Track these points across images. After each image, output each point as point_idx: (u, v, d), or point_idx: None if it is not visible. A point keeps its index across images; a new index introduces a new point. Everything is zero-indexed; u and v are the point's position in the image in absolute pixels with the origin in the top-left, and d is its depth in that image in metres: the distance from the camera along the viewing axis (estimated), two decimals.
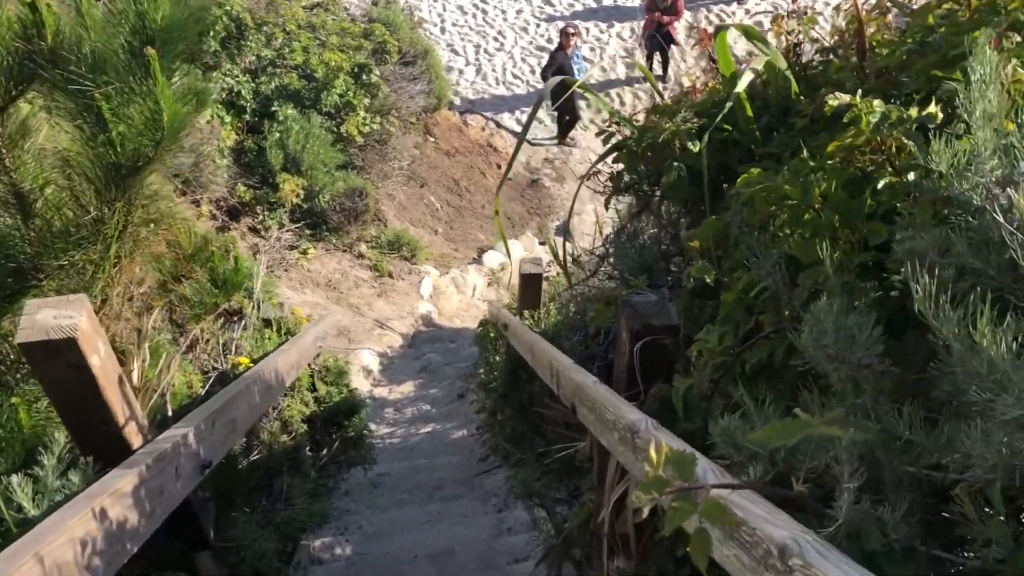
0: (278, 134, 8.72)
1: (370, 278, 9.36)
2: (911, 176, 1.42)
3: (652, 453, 1.02)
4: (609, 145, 2.41)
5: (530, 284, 5.27)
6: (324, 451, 5.31)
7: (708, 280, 1.70)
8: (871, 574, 0.96)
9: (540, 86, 15.99)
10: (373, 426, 6.36)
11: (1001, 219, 1.07)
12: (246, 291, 5.12)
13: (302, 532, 4.02)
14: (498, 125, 15.28)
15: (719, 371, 1.71)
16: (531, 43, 17.53)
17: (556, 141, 14.93)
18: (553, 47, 14.82)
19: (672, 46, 15.23)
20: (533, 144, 15.05)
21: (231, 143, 8.63)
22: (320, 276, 8.80)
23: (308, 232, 9.00)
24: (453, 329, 9.61)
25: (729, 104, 2.02)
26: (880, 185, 1.47)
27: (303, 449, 4.55)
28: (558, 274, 6.91)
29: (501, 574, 3.84)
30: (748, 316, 1.81)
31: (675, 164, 2.13)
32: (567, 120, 14.54)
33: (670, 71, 16.13)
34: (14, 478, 1.94)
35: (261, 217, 8.54)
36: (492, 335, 6.38)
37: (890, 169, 1.45)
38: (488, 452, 5.86)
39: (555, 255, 8.09)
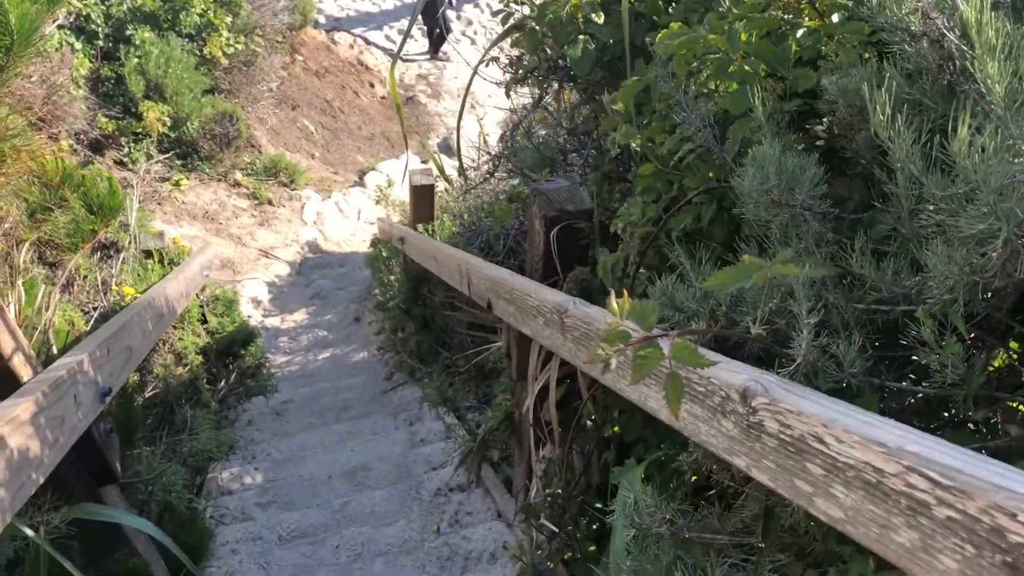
0: (136, 59, 8.13)
1: (249, 207, 8.99)
2: (835, 18, 1.40)
3: (614, 305, 0.97)
4: (508, 26, 2.31)
5: (422, 195, 5.15)
6: (222, 382, 5.13)
7: (634, 144, 1.66)
8: (843, 403, 0.95)
9: (408, 0, 15.50)
10: (269, 356, 6.18)
11: (952, 38, 1.05)
12: (121, 224, 4.82)
13: (209, 462, 3.89)
14: (367, 42, 14.78)
15: (644, 243, 1.68)
16: None
17: (428, 56, 14.58)
18: None
19: None
20: (405, 60, 14.64)
21: (85, 72, 7.99)
22: (196, 208, 8.39)
23: (179, 162, 8.52)
24: (341, 254, 9.38)
25: None
26: (802, 32, 1.44)
27: (200, 380, 4.38)
28: (445, 190, 6.81)
29: (419, 482, 3.83)
30: (669, 185, 1.78)
31: (580, 36, 2.06)
32: (438, 34, 14.19)
33: None
34: None
35: (127, 150, 8.01)
36: (385, 255, 6.26)
37: (814, 13, 1.43)
38: (392, 370, 5.80)
39: (440, 170, 7.97)
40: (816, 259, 1.17)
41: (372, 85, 13.56)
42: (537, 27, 2.22)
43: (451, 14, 14.41)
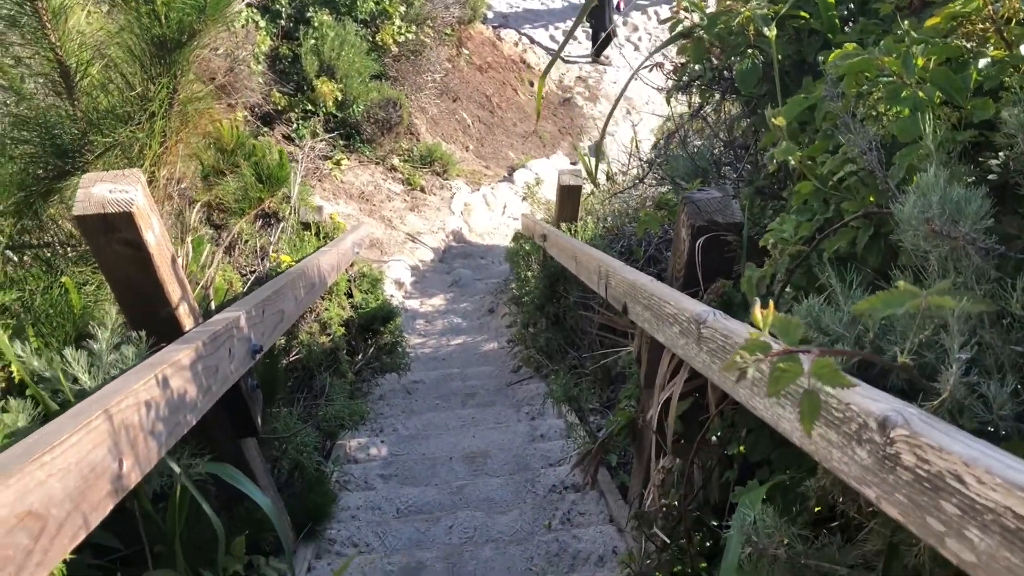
0: (313, 40, 8.56)
1: (402, 191, 9.30)
2: (1022, 49, 1.33)
3: (758, 315, 0.97)
4: (675, 33, 2.31)
5: (569, 195, 5.19)
6: (360, 355, 5.34)
7: (793, 162, 1.63)
8: (987, 443, 0.92)
9: (575, 1, 15.60)
10: (406, 336, 6.38)
11: None
12: (284, 196, 5.09)
13: (341, 429, 4.06)
14: (531, 41, 14.96)
15: (795, 261, 1.65)
16: None
17: (590, 59, 14.62)
18: None
19: None
20: (567, 61, 14.74)
21: (266, 49, 8.49)
22: (353, 188, 8.74)
23: (342, 143, 8.91)
24: (483, 246, 9.57)
25: None
26: (985, 60, 1.38)
27: (341, 351, 4.58)
28: (592, 192, 6.83)
29: (535, 476, 3.87)
30: (825, 205, 1.74)
31: (749, 51, 2.04)
32: (603, 38, 14.21)
33: None
34: (68, 351, 1.94)
35: (295, 125, 8.45)
36: (527, 249, 6.34)
37: (1000, 42, 1.36)
38: (520, 364, 5.88)
39: (589, 173, 8.00)
40: (975, 295, 1.12)
41: (531, 83, 13.71)
42: (705, 36, 2.21)
43: (617, 19, 14.40)
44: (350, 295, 5.37)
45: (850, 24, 2.09)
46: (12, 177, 2.34)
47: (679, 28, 2.31)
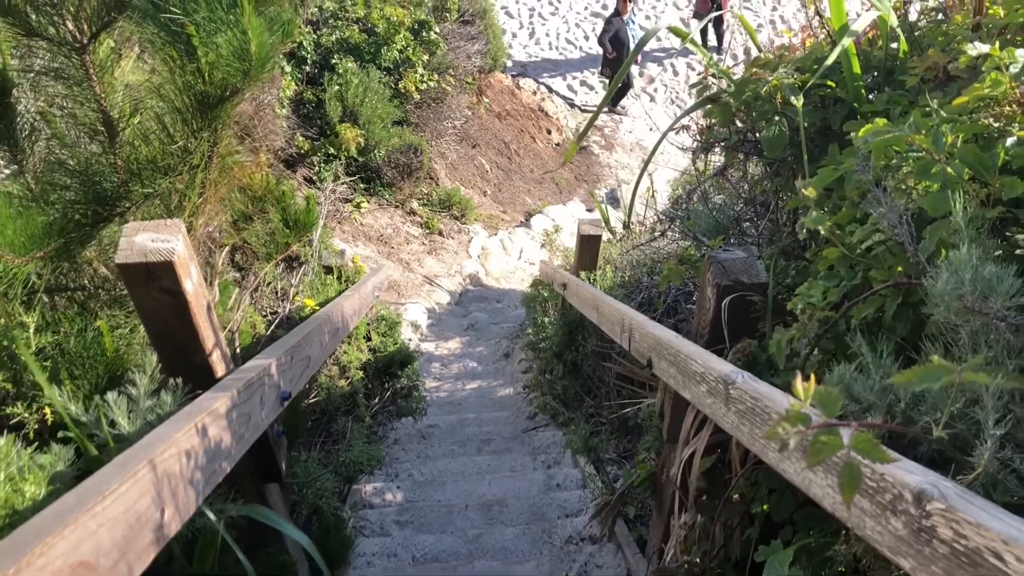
0: (337, 87, 8.73)
1: (420, 235, 9.39)
2: None
3: (799, 387, 1.00)
4: (703, 97, 2.37)
5: (589, 245, 5.25)
6: (376, 399, 5.36)
7: (822, 231, 1.66)
8: None
9: (594, 52, 15.84)
10: (421, 379, 6.41)
11: None
12: (308, 239, 5.17)
13: (358, 475, 4.07)
14: (550, 90, 15.19)
15: (823, 326, 1.68)
16: (586, 8, 17.36)
17: (607, 109, 14.81)
18: (608, 13, 14.67)
19: (726, 19, 15.00)
20: (583, 111, 14.94)
21: (291, 93, 8.65)
22: (372, 230, 8.84)
23: (362, 186, 9.03)
24: (500, 290, 9.63)
25: (834, 57, 1.96)
26: (1012, 139, 1.42)
27: (359, 395, 4.60)
28: (609, 240, 6.89)
29: (552, 526, 3.86)
30: (852, 272, 1.78)
31: (776, 118, 2.09)
32: (619, 88, 14.41)
33: (725, 42, 15.88)
34: (110, 395, 1.97)
35: (317, 169, 8.58)
36: (545, 296, 6.39)
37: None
38: (536, 411, 5.89)
39: (606, 220, 8.05)
40: (1006, 370, 1.15)
41: (549, 132, 13.89)
42: (732, 102, 2.26)
43: (634, 70, 14.61)
44: (368, 338, 5.41)
45: (875, 93, 2.14)
46: (54, 223, 2.40)
47: (706, 93, 2.37)
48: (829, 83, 2.16)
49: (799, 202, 2.07)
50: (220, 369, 2.30)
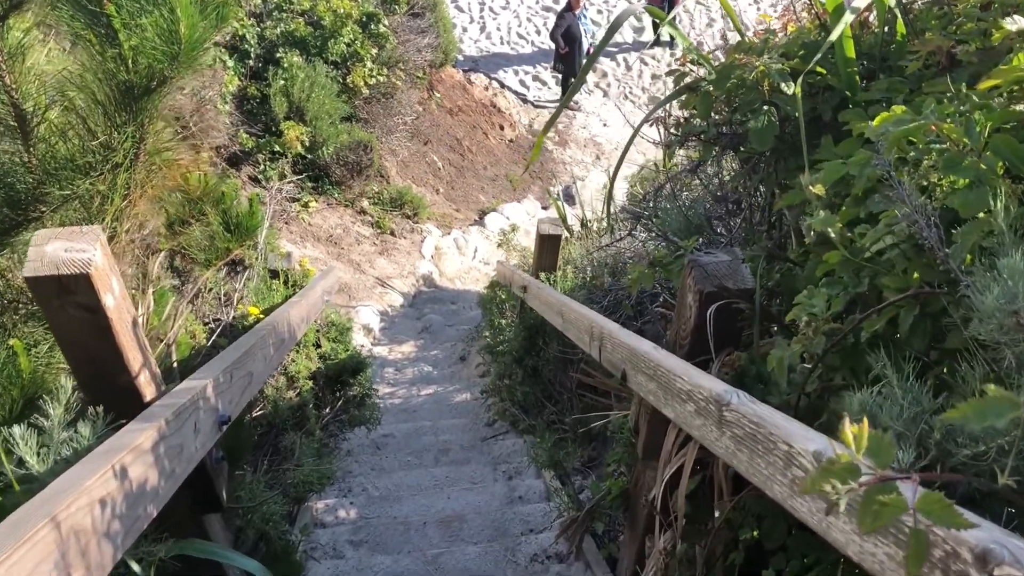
0: (282, 82, 8.41)
1: (371, 235, 9.11)
2: None
3: (848, 433, 0.81)
4: (680, 85, 2.18)
5: (549, 245, 5.05)
6: (327, 409, 5.11)
7: (832, 234, 1.48)
8: None
9: (546, 47, 15.66)
10: (374, 386, 6.15)
11: None
12: (252, 242, 4.89)
13: (308, 493, 3.82)
14: (502, 85, 14.99)
15: (831, 341, 1.50)
16: (537, 2, 17.19)
17: (559, 104, 14.65)
18: (560, 7, 14.51)
19: (678, 13, 14.96)
20: (536, 106, 14.78)
21: (234, 89, 8.31)
22: (321, 231, 8.55)
23: (310, 185, 8.73)
24: (454, 291, 9.40)
25: (836, 35, 1.78)
26: None
27: (308, 407, 4.35)
28: (567, 239, 6.70)
29: (515, 543, 3.66)
30: (856, 278, 1.60)
31: (765, 107, 1.91)
32: (572, 83, 14.25)
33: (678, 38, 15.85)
34: (16, 429, 1.72)
35: (263, 167, 8.26)
36: (503, 298, 6.18)
37: None
38: (495, 417, 5.68)
39: (563, 218, 7.87)
40: None
41: (502, 127, 13.68)
42: (713, 90, 2.08)
43: None
44: (318, 345, 5.15)
45: (867, 82, 1.97)
46: None
47: (684, 81, 2.18)
48: (819, 70, 1.99)
49: (792, 200, 1.90)
50: (149, 392, 2.05)
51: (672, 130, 2.37)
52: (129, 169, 2.11)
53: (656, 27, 15.48)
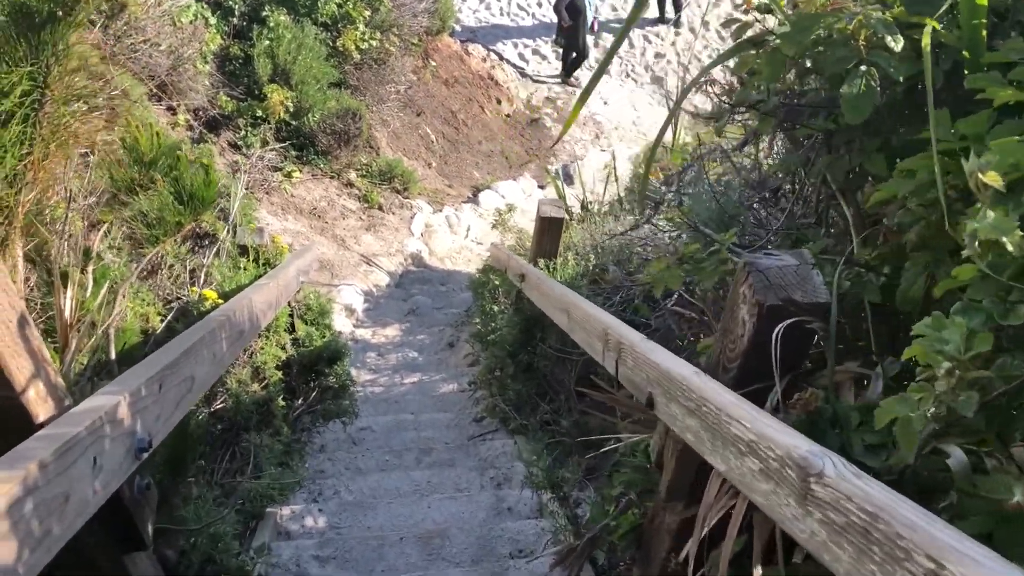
0: (268, 42, 7.86)
1: (358, 209, 8.60)
2: None
3: None
4: (739, 40, 1.71)
5: (550, 229, 4.58)
6: (300, 400, 4.65)
7: (1010, 246, 1.02)
8: None
9: (547, 20, 15.07)
10: (354, 371, 5.68)
11: None
12: (221, 212, 4.40)
13: (270, 503, 3.36)
14: (500, 57, 14.43)
15: (985, 395, 1.05)
16: None
17: (560, 80, 14.11)
18: None
19: None
20: (535, 81, 14.24)
21: (215, 47, 7.76)
22: (304, 203, 8.03)
23: (294, 153, 8.20)
24: (444, 271, 8.91)
25: None
26: None
27: (275, 402, 3.88)
28: (571, 219, 6.23)
29: (503, 567, 3.22)
30: (1001, 304, 1.14)
31: (862, 68, 1.44)
32: (574, 58, 13.72)
33: (683, 15, 15.34)
34: None
35: (243, 133, 7.72)
36: (496, 283, 5.72)
37: None
38: (484, 413, 5.23)
39: (562, 199, 7.39)
40: None
41: (499, 101, 13.15)
42: (785, 46, 1.60)
43: (589, 40, 13.90)
44: (291, 329, 4.68)
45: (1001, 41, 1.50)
46: None
47: (745, 34, 1.70)
48: (928, 22, 1.51)
49: (890, 192, 1.43)
50: (44, 411, 1.58)
51: (723, 99, 1.90)
52: (26, 121, 1.62)
53: (661, 5, 14.94)
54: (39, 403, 1.56)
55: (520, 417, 4.76)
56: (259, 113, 7.75)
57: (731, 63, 1.77)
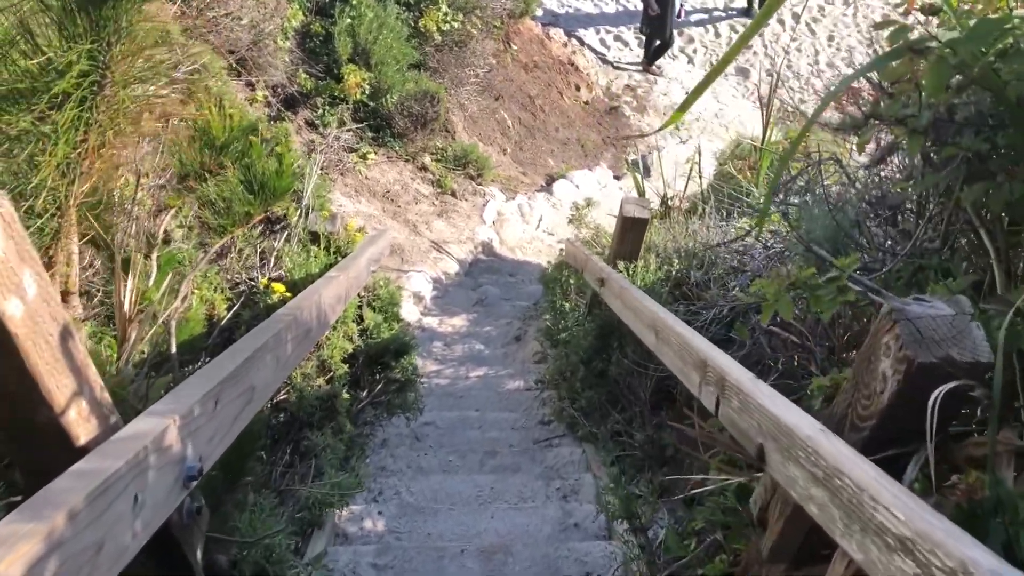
0: (349, 20, 7.73)
1: (431, 194, 8.45)
2: None
3: None
4: (897, 45, 1.45)
5: (633, 229, 4.33)
6: (364, 392, 4.50)
7: None
8: None
9: (631, 7, 14.71)
10: (419, 361, 5.52)
11: None
12: (295, 193, 4.25)
13: (329, 508, 3.22)
14: (582, 43, 14.12)
15: None
16: None
17: (641, 67, 13.74)
18: None
19: None
20: (616, 68, 13.89)
21: (296, 24, 7.66)
22: (378, 185, 7.91)
23: (370, 135, 8.07)
24: (514, 261, 8.72)
25: None
26: None
27: (339, 398, 3.73)
28: (653, 218, 5.96)
29: None
30: None
31: None
32: (657, 45, 13.33)
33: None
34: None
35: (321, 111, 7.62)
36: (571, 281, 5.50)
37: None
38: (551, 416, 5.03)
39: (641, 192, 7.11)
40: None
41: (578, 88, 12.86)
42: (955, 55, 1.34)
43: (675, 30, 13.51)
44: (360, 320, 4.53)
45: None
46: None
47: (903, 38, 1.44)
48: None
49: None
50: (86, 431, 1.43)
51: (863, 109, 1.64)
52: (82, 105, 1.45)
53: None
54: (80, 424, 1.40)
55: (589, 424, 4.54)
56: (337, 92, 7.63)
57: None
